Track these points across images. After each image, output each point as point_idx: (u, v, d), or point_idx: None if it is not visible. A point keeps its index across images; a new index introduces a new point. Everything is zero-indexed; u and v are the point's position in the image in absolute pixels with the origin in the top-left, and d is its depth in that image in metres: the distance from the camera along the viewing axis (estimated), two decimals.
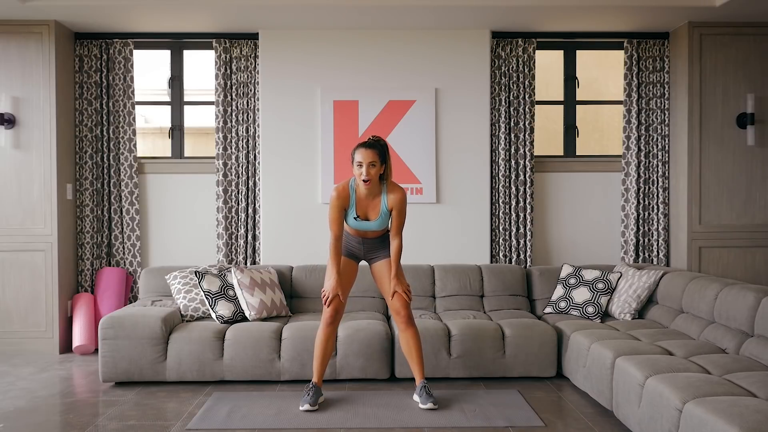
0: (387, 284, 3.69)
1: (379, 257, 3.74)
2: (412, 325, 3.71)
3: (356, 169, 3.52)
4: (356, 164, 3.52)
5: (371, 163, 3.49)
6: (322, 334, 3.70)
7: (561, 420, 3.51)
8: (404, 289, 3.65)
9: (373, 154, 3.49)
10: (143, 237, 5.40)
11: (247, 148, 5.29)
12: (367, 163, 3.49)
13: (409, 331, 3.70)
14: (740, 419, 2.41)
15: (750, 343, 3.44)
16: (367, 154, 3.49)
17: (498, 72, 5.32)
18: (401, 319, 3.68)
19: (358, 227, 3.66)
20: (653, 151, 5.36)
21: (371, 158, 3.49)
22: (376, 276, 3.78)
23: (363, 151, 3.50)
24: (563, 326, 4.28)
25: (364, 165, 3.48)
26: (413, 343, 3.70)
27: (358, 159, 3.50)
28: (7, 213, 5.01)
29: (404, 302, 3.67)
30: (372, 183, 3.54)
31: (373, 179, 3.52)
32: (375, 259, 3.76)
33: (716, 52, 5.09)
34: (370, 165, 3.49)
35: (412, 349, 3.71)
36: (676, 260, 5.24)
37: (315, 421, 3.44)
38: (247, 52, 5.28)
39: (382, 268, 3.73)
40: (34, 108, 5.00)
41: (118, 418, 3.54)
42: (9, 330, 5.01)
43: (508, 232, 5.33)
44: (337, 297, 3.62)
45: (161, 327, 4.12)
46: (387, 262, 3.71)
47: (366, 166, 3.48)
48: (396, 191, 3.60)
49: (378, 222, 3.65)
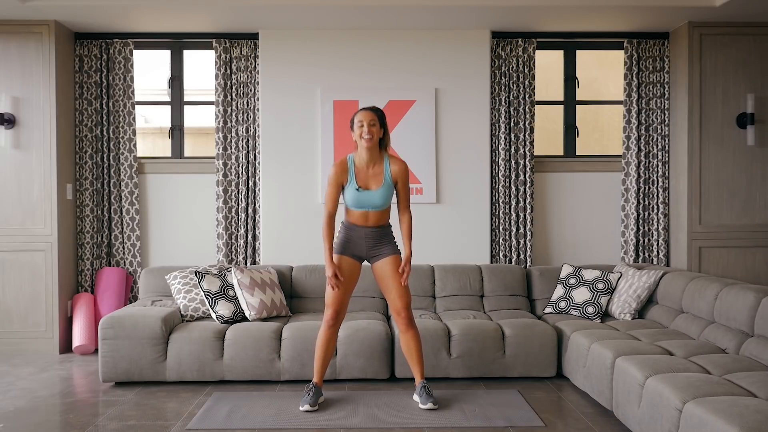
0: (390, 284, 3.65)
1: (382, 254, 3.68)
2: (413, 327, 3.70)
3: (357, 131, 3.58)
4: (357, 126, 3.58)
5: (371, 122, 3.56)
6: (324, 336, 3.70)
7: (561, 420, 3.51)
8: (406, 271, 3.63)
9: (372, 114, 3.59)
10: (143, 237, 5.40)
11: (247, 148, 5.29)
12: (368, 122, 3.55)
13: (409, 333, 3.69)
14: (740, 419, 2.41)
15: (750, 343, 3.44)
16: (366, 114, 3.58)
17: (498, 72, 5.32)
18: (402, 320, 3.67)
19: (360, 200, 3.60)
20: (653, 151, 5.36)
21: (371, 118, 3.57)
22: (378, 275, 3.71)
23: (363, 112, 3.60)
24: (563, 326, 4.28)
25: (365, 124, 3.55)
26: (413, 344, 3.70)
27: (359, 119, 3.58)
28: (7, 213, 5.01)
29: (405, 303, 3.66)
30: (373, 143, 3.58)
31: (374, 138, 3.57)
32: (378, 257, 3.69)
33: (716, 52, 5.09)
34: (371, 124, 3.56)
35: (413, 350, 3.71)
36: (676, 260, 5.24)
37: (315, 421, 3.44)
38: (247, 52, 5.28)
39: (385, 267, 3.67)
40: (34, 108, 5.00)
41: (118, 418, 3.54)
42: (9, 330, 5.01)
43: (508, 232, 5.33)
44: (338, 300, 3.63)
45: (161, 327, 4.12)
46: (390, 260, 3.66)
47: (367, 125, 3.55)
48: (399, 162, 3.66)
49: (381, 191, 3.60)
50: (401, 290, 3.65)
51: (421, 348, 3.73)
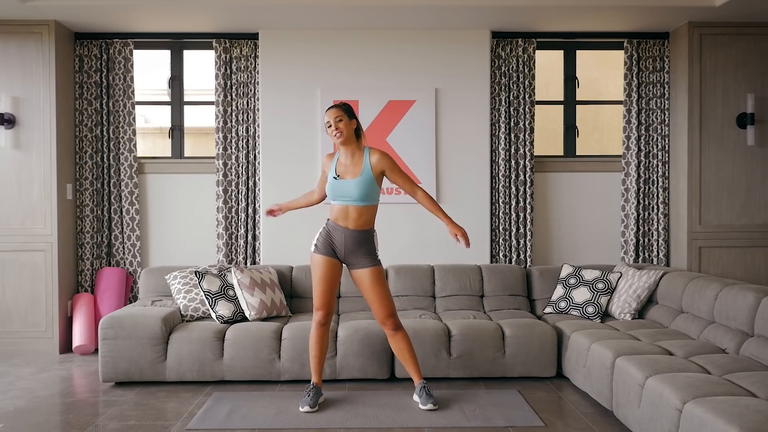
0: (370, 296, 3.64)
1: (359, 264, 3.64)
2: (401, 329, 3.69)
3: (328, 131, 3.64)
4: (326, 127, 3.64)
5: (337, 118, 3.60)
6: (315, 335, 3.70)
7: (561, 420, 3.51)
8: (462, 233, 3.62)
9: (336, 111, 3.62)
10: (143, 237, 5.40)
11: (247, 148, 5.29)
12: (334, 120, 3.59)
13: (398, 335, 3.68)
14: (740, 419, 2.41)
15: (750, 343, 3.44)
16: (331, 113, 3.62)
17: (498, 72, 5.32)
18: (389, 326, 3.67)
19: (336, 189, 3.59)
20: (653, 151, 5.36)
21: (336, 114, 3.60)
22: (357, 284, 3.71)
23: (328, 112, 3.65)
24: (563, 326, 4.28)
25: (332, 122, 3.60)
26: (404, 345, 3.69)
27: (326, 120, 3.63)
28: (7, 213, 5.01)
29: (389, 312, 3.64)
30: (345, 138, 3.60)
31: (344, 132, 3.59)
32: (356, 266, 3.65)
33: (716, 52, 5.09)
34: (337, 120, 3.59)
35: (404, 351, 3.69)
36: (676, 260, 5.24)
37: (315, 421, 3.44)
38: (247, 52, 5.28)
39: (363, 278, 3.64)
40: (34, 108, 5.00)
41: (118, 418, 3.54)
42: (9, 330, 5.01)
43: (508, 232, 5.33)
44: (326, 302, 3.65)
45: (161, 327, 4.12)
46: (368, 273, 3.62)
47: (334, 122, 3.59)
48: (377, 153, 3.66)
49: (358, 181, 3.56)
50: (382, 300, 3.63)
51: (412, 347, 3.72)
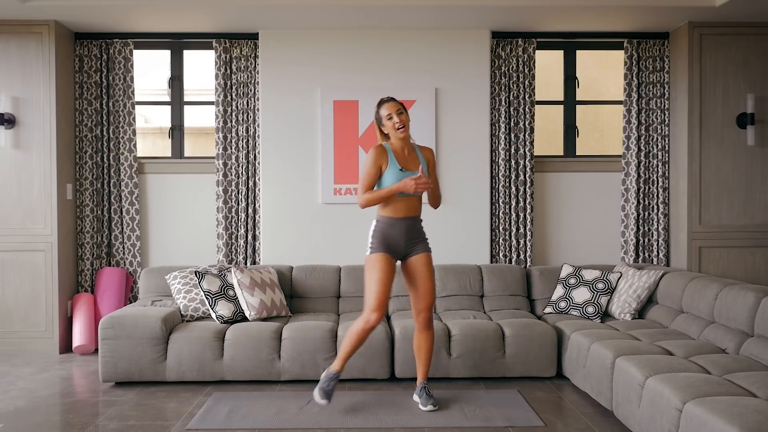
0: (419, 282, 3.61)
1: (418, 250, 3.64)
2: (431, 328, 3.69)
3: (388, 124, 3.58)
4: (385, 119, 3.59)
5: (398, 110, 3.58)
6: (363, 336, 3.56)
7: (561, 420, 3.51)
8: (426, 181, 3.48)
9: (395, 103, 3.61)
10: (143, 237, 5.40)
11: (247, 148, 5.29)
12: (396, 112, 3.57)
13: (426, 333, 3.68)
14: (740, 419, 2.41)
15: (750, 343, 3.44)
16: (391, 105, 3.59)
17: (498, 72, 5.32)
18: (421, 320, 3.65)
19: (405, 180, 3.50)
20: (653, 151, 5.36)
21: (397, 107, 3.59)
22: (410, 272, 3.64)
23: (387, 105, 3.60)
24: (563, 326, 4.28)
25: (394, 114, 3.57)
26: (426, 345, 3.69)
27: (386, 112, 3.58)
28: (7, 213, 5.01)
29: (428, 304, 3.63)
30: (407, 130, 3.59)
31: (406, 125, 3.59)
32: (414, 252, 3.63)
33: (716, 52, 5.09)
34: (398, 112, 3.57)
35: (423, 350, 3.70)
36: (676, 260, 5.24)
37: (315, 421, 3.44)
38: (247, 52, 5.28)
39: (418, 263, 3.62)
40: (34, 108, 5.00)
41: (118, 418, 3.54)
42: (9, 330, 5.01)
43: (508, 232, 5.33)
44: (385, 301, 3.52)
45: (161, 327, 4.12)
46: (425, 257, 3.63)
47: (396, 114, 3.57)
48: (427, 149, 3.75)
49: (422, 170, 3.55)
50: (428, 290, 3.62)
51: (432, 350, 3.72)
